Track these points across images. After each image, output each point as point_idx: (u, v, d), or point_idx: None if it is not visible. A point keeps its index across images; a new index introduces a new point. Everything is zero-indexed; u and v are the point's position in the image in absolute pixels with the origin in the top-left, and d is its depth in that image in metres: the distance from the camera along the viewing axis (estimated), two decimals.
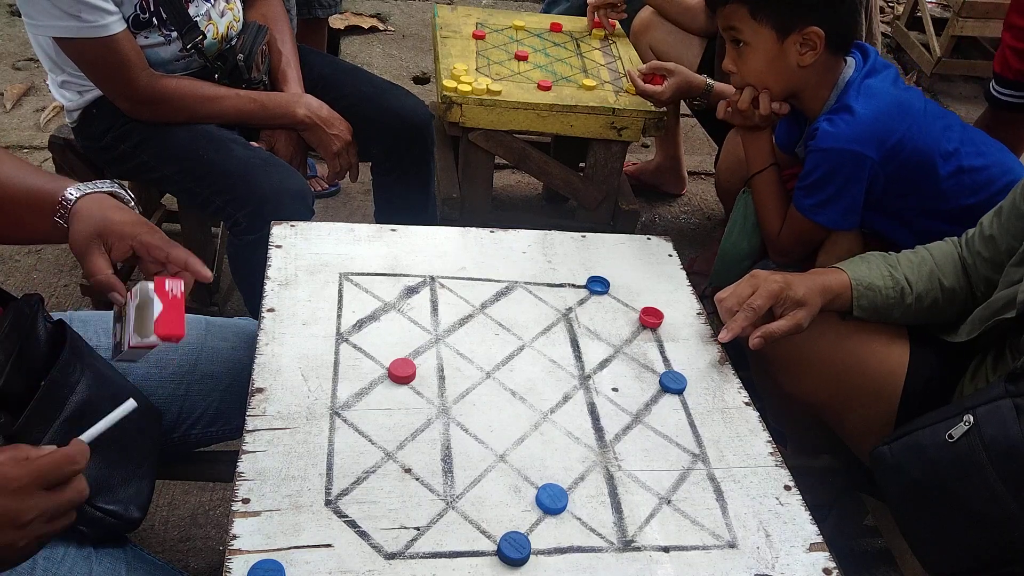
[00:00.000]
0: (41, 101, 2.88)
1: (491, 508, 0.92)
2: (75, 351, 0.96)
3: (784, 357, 1.31)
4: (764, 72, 1.49)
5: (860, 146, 1.41)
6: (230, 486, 0.89)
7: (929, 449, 1.07)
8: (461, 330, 1.16)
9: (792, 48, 1.44)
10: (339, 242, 1.28)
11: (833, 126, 1.43)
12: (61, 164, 1.77)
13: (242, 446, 0.94)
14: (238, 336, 1.25)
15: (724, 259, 1.74)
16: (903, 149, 1.43)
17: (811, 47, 1.43)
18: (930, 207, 1.48)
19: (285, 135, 1.72)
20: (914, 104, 1.47)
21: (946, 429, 1.05)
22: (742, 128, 1.61)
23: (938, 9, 3.95)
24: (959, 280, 1.29)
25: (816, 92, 1.50)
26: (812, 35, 1.42)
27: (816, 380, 1.30)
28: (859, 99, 1.43)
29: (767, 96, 1.51)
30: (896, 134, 1.42)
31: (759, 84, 1.51)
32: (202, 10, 1.60)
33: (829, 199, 1.47)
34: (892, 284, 1.26)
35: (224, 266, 1.96)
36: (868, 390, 1.28)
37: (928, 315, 1.29)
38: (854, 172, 1.44)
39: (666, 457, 1.02)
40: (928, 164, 1.45)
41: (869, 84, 1.46)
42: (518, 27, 2.21)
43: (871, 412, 1.29)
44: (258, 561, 0.82)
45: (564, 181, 2.01)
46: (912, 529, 1.13)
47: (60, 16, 1.41)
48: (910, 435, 1.11)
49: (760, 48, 1.46)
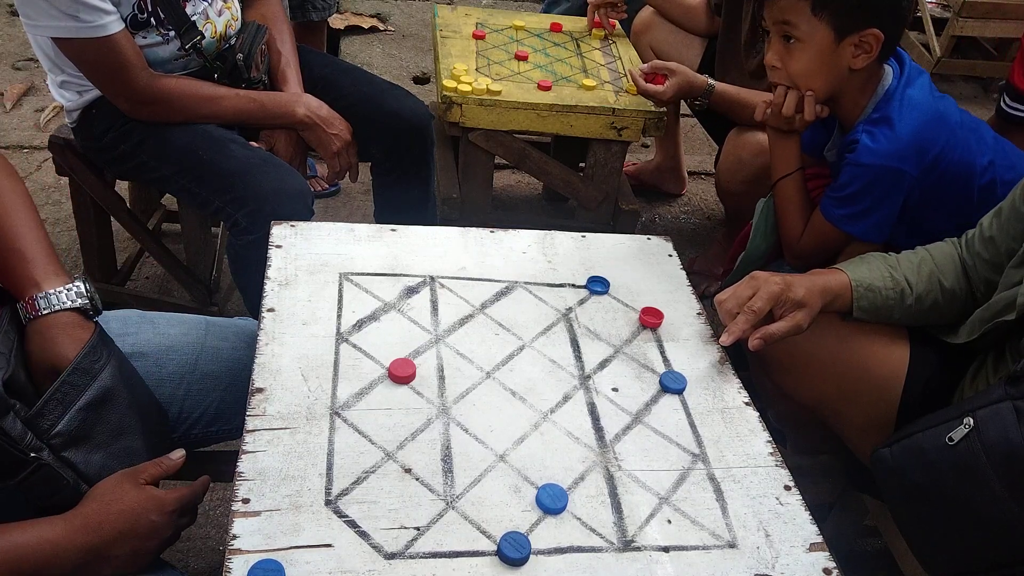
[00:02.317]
0: (41, 101, 2.88)
1: (491, 508, 0.92)
2: (102, 340, 0.97)
3: (784, 358, 1.30)
4: (814, 71, 1.42)
5: (900, 163, 1.38)
6: (230, 486, 0.89)
7: (929, 452, 1.06)
8: (461, 330, 1.16)
9: (847, 49, 1.38)
10: (339, 242, 1.28)
11: (874, 141, 1.38)
12: (61, 164, 1.77)
13: (242, 446, 0.94)
14: (238, 336, 1.25)
15: (746, 262, 1.69)
16: (940, 163, 1.40)
17: (866, 50, 1.38)
18: (961, 222, 1.44)
19: (285, 135, 1.72)
20: (951, 116, 1.43)
21: (946, 432, 1.04)
22: (774, 130, 1.56)
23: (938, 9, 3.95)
24: (959, 281, 1.28)
25: (856, 99, 1.46)
26: (871, 37, 1.36)
27: (816, 381, 1.30)
28: (900, 111, 1.39)
29: (812, 100, 1.45)
30: (935, 148, 1.39)
31: (804, 83, 1.44)
32: (199, 9, 1.60)
33: (863, 212, 1.43)
34: (892, 285, 1.26)
35: (224, 266, 1.96)
36: (868, 391, 1.28)
37: (928, 316, 1.29)
38: (892, 188, 1.40)
39: (666, 457, 1.02)
40: (963, 178, 1.42)
41: (911, 95, 1.41)
42: (518, 27, 2.21)
43: (871, 413, 1.29)
44: (258, 561, 0.82)
45: (564, 181, 2.01)
46: (913, 531, 1.13)
47: (58, 16, 1.41)
48: (910, 437, 1.10)
49: (814, 46, 1.39)
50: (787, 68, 1.45)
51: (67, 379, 0.91)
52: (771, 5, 1.42)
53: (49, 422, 0.89)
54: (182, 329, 1.21)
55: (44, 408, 0.88)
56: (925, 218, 1.48)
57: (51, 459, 0.89)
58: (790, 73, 1.45)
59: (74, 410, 0.91)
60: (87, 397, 0.92)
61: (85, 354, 0.94)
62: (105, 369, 0.95)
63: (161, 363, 1.16)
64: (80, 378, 0.92)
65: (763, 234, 1.66)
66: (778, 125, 1.54)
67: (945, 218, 1.47)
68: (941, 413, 1.09)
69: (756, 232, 1.67)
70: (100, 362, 0.95)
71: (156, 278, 2.19)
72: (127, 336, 1.15)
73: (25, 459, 0.86)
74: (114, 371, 0.96)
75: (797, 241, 1.57)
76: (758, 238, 1.67)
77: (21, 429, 0.86)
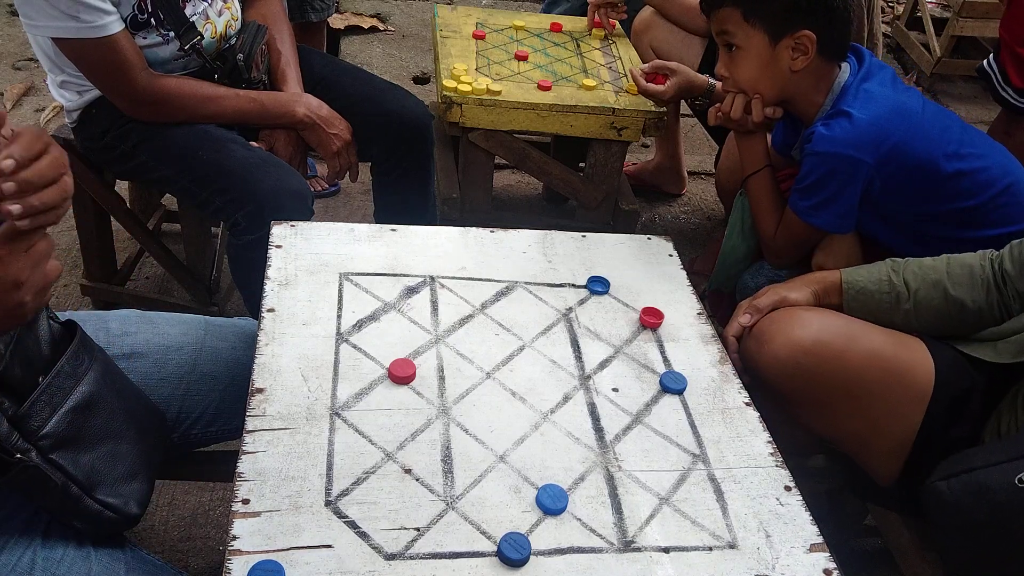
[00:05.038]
0: (41, 101, 2.88)
1: (491, 509, 0.92)
2: (84, 345, 0.97)
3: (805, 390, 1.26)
4: (756, 77, 1.49)
5: (855, 151, 1.41)
6: (230, 486, 0.89)
7: (997, 492, 1.03)
8: (461, 330, 1.16)
9: (784, 52, 1.44)
10: (339, 242, 1.28)
11: (829, 130, 1.43)
12: None
13: (242, 446, 0.94)
14: (238, 336, 1.25)
15: (724, 262, 1.75)
16: (900, 153, 1.42)
17: (803, 51, 1.43)
18: (928, 210, 1.48)
19: (285, 135, 1.72)
20: (912, 106, 1.46)
21: (1015, 472, 1.01)
22: (736, 131, 1.61)
23: (938, 9, 3.95)
24: (973, 292, 1.26)
25: (810, 98, 1.50)
26: (804, 39, 1.42)
27: (839, 416, 1.26)
28: (856, 104, 1.43)
29: (759, 103, 1.51)
30: (893, 138, 1.42)
31: (751, 89, 1.51)
32: (199, 9, 1.60)
33: (825, 202, 1.47)
34: (888, 289, 1.27)
35: (224, 266, 1.96)
36: (891, 419, 1.23)
37: (934, 324, 1.28)
38: (849, 176, 1.44)
39: (666, 457, 1.02)
40: (927, 167, 1.44)
41: (867, 88, 1.45)
42: (518, 27, 2.21)
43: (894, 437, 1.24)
44: (258, 562, 0.82)
45: (564, 181, 2.01)
46: (965, 567, 1.11)
47: (58, 17, 1.41)
48: (971, 473, 1.06)
49: (752, 52, 1.46)
50: (733, 76, 1.51)
51: (52, 381, 0.90)
52: (712, 17, 1.50)
53: (37, 423, 0.88)
54: (181, 329, 1.21)
55: (32, 409, 0.88)
56: (891, 207, 1.50)
57: (39, 460, 0.88)
58: (736, 80, 1.51)
59: (63, 411, 0.90)
60: (73, 400, 0.92)
61: (68, 358, 0.93)
62: (88, 373, 0.94)
63: (160, 363, 1.16)
64: (65, 381, 0.91)
65: (740, 233, 1.69)
66: (733, 127, 1.60)
67: (912, 207, 1.49)
68: (998, 447, 1.07)
69: (732, 231, 1.71)
70: (83, 366, 0.94)
71: (156, 278, 2.19)
72: (127, 336, 1.15)
73: (10, 460, 0.86)
74: (97, 376, 0.95)
75: (772, 238, 1.60)
76: (734, 237, 1.71)
77: (7, 429, 0.86)
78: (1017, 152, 1.59)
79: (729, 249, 1.72)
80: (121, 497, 0.96)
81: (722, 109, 1.56)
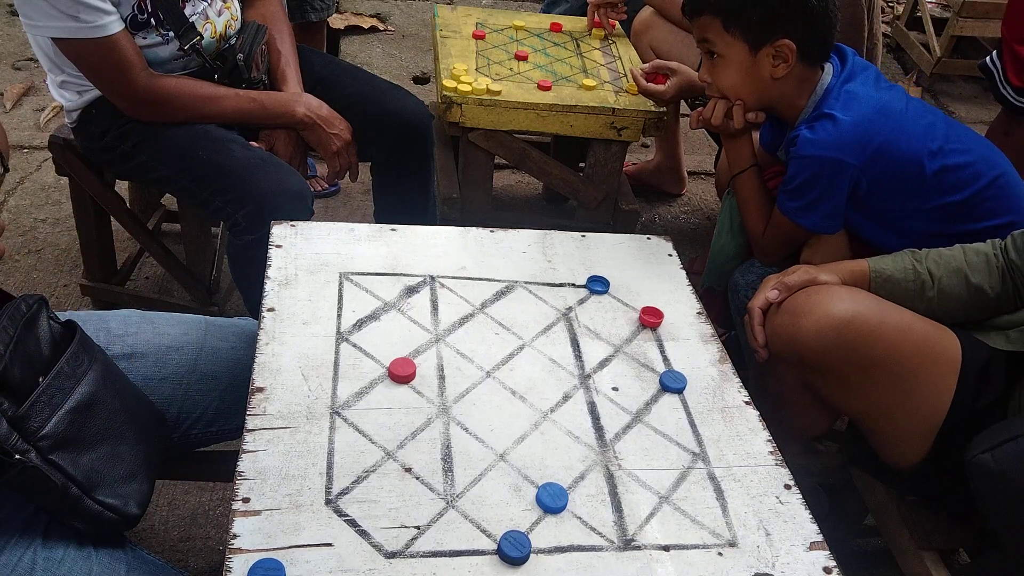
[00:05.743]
0: (41, 101, 2.88)
1: (491, 507, 0.92)
2: (84, 345, 0.97)
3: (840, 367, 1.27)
4: (737, 84, 1.50)
5: (840, 153, 1.42)
6: (230, 486, 0.89)
7: None
8: (461, 330, 1.16)
9: (765, 60, 1.45)
10: (339, 242, 1.28)
11: (814, 133, 1.43)
12: (61, 164, 1.77)
13: (242, 445, 0.94)
14: (238, 336, 1.25)
15: (715, 260, 1.76)
16: (885, 152, 1.43)
17: (783, 59, 1.44)
18: (915, 207, 1.48)
19: (285, 135, 1.72)
20: (895, 105, 1.46)
21: None
22: (721, 133, 1.62)
23: (938, 9, 3.95)
24: (990, 278, 1.29)
25: (792, 102, 1.51)
26: (784, 48, 1.42)
27: (869, 390, 1.26)
28: (838, 106, 1.43)
29: (741, 109, 1.52)
30: (878, 139, 1.42)
31: (733, 95, 1.52)
32: (198, 9, 1.60)
33: (811, 204, 1.48)
34: (913, 277, 1.29)
35: (224, 266, 1.96)
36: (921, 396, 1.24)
37: (955, 310, 1.30)
38: (835, 178, 1.44)
39: (666, 456, 1.02)
40: (912, 165, 1.45)
41: (850, 90, 1.46)
42: (518, 27, 2.21)
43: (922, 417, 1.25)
44: (258, 560, 0.82)
45: (564, 181, 2.01)
46: (1017, 536, 1.11)
47: (58, 17, 1.41)
48: (1015, 441, 1.07)
49: (733, 60, 1.47)
50: (715, 82, 1.53)
51: (52, 382, 0.90)
52: (694, 25, 1.51)
53: (37, 424, 0.88)
54: (182, 329, 1.21)
55: (31, 410, 0.88)
56: (878, 205, 1.50)
57: (38, 461, 0.88)
58: (719, 87, 1.53)
59: (62, 412, 0.90)
60: (73, 401, 0.92)
61: (68, 358, 0.93)
62: (88, 374, 0.95)
63: (161, 363, 1.16)
64: (65, 381, 0.92)
65: (729, 231, 1.71)
66: (715, 131, 1.61)
67: (898, 204, 1.49)
68: None
69: (721, 229, 1.73)
70: (83, 367, 0.94)
71: (156, 278, 2.19)
72: (127, 336, 1.15)
73: (9, 461, 0.86)
74: (97, 376, 0.95)
75: (761, 236, 1.61)
76: (724, 235, 1.72)
77: (7, 429, 0.86)
78: (1015, 152, 1.59)
79: (719, 247, 1.73)
80: (121, 498, 0.96)
81: (703, 115, 1.58)
